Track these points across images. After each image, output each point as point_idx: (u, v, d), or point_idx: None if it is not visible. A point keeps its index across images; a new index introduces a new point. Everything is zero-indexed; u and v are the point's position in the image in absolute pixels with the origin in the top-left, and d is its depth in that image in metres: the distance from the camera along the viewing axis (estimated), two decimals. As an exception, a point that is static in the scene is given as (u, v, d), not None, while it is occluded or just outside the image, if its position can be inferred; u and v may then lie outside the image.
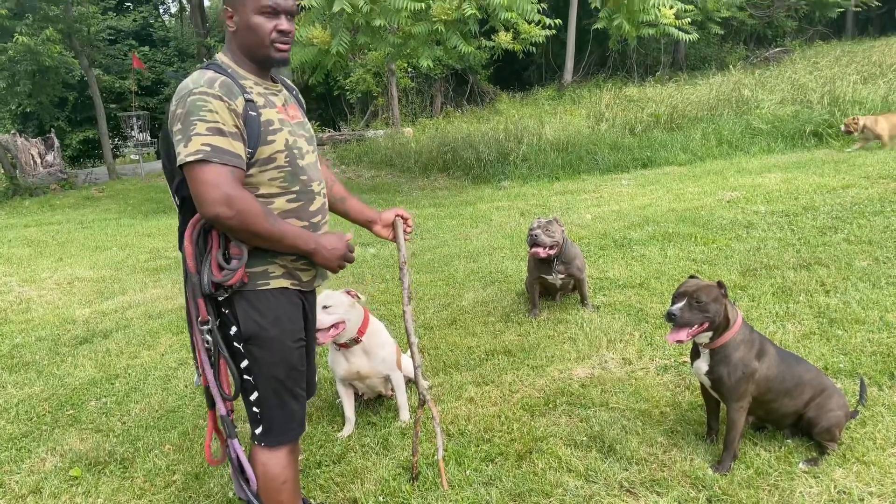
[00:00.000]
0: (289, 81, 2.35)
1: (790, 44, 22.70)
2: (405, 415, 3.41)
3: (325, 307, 3.03)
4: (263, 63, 2.09)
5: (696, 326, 2.62)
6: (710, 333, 2.67)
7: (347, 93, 22.67)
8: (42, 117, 21.05)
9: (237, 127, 1.95)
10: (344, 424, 3.41)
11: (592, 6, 10.40)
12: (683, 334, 2.62)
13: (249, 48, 2.05)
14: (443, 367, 3.97)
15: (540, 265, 4.48)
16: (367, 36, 10.05)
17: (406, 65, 20.16)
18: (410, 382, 3.77)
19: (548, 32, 9.81)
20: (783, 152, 10.07)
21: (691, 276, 2.78)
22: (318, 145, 2.43)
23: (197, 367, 2.16)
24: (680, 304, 2.62)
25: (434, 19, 8.98)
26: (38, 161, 18.70)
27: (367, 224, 2.66)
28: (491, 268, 5.88)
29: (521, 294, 5.04)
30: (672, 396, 3.31)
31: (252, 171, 2.03)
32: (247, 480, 2.23)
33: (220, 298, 2.05)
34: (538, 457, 2.92)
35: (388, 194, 11.73)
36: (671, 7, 9.74)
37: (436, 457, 2.99)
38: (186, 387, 4.16)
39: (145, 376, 4.41)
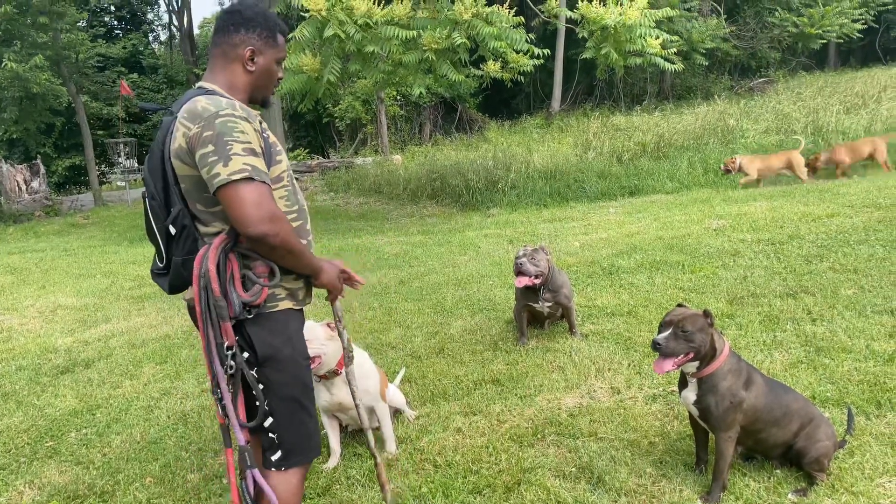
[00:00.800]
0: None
1: (774, 74, 23.13)
2: (392, 446, 3.36)
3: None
4: (259, 102, 2.26)
5: (681, 356, 2.61)
6: (696, 363, 2.66)
7: (336, 120, 22.78)
8: (28, 143, 20.94)
9: (262, 148, 2.02)
10: (329, 456, 3.35)
11: (580, 36, 10.55)
12: (669, 364, 2.61)
13: (258, 88, 2.21)
14: (430, 397, 3.92)
15: (527, 293, 4.47)
16: (358, 63, 10.15)
17: (395, 93, 20.31)
18: (398, 413, 3.73)
19: (536, 62, 9.94)
20: (768, 181, 10.17)
21: (679, 305, 2.78)
22: (307, 172, 2.52)
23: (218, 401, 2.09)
24: (665, 334, 2.62)
25: (424, 48, 9.08)
26: (24, 188, 18.60)
27: None
28: (479, 296, 5.86)
29: (509, 322, 5.02)
30: (661, 426, 3.28)
31: None
32: None
33: (242, 319, 2.04)
34: (526, 488, 2.88)
35: (376, 221, 11.73)
36: (657, 38, 9.90)
37: (421, 489, 2.95)
38: (169, 417, 4.09)
39: (127, 407, 4.33)
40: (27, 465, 3.66)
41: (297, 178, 15.96)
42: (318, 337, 3.01)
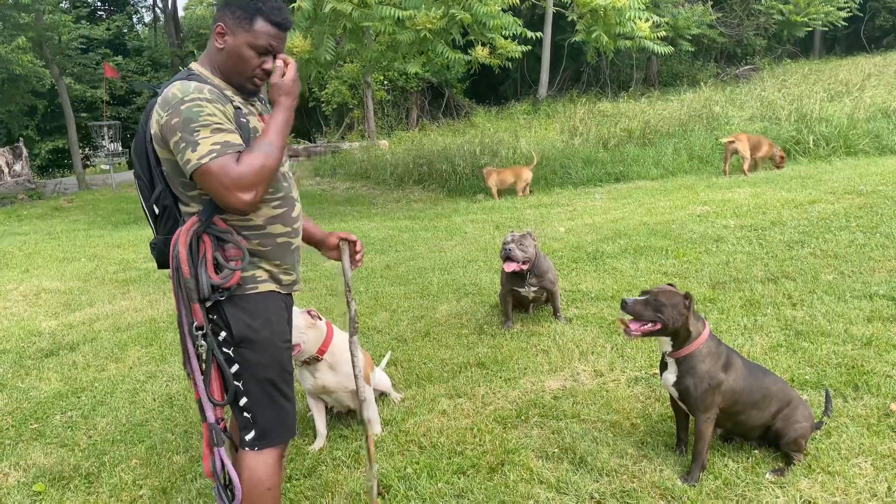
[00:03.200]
0: (262, 94, 2.35)
1: (759, 62, 23.25)
2: (377, 428, 3.39)
3: None
4: (237, 88, 2.13)
5: (648, 324, 2.69)
6: (669, 341, 2.73)
7: (323, 104, 22.65)
8: (10, 126, 20.70)
9: (235, 124, 1.99)
10: (315, 438, 3.38)
11: (569, 19, 10.55)
12: (635, 325, 2.71)
13: (228, 71, 2.09)
14: (416, 380, 3.95)
15: (513, 278, 4.50)
16: (353, 42, 10.10)
17: (382, 77, 20.22)
18: (383, 396, 3.76)
19: (524, 48, 9.93)
20: (752, 167, 10.25)
21: (669, 284, 2.83)
22: (293, 157, 2.47)
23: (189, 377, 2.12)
24: (637, 298, 2.72)
25: (419, 28, 9.05)
26: (6, 170, 18.39)
27: (314, 244, 2.57)
28: (465, 280, 5.89)
29: (494, 306, 5.05)
30: (642, 408, 3.33)
31: None
32: (231, 494, 2.16)
33: (209, 303, 2.04)
34: (510, 469, 2.92)
35: (362, 206, 11.71)
36: (646, 20, 9.92)
37: (406, 469, 2.99)
38: (154, 400, 4.10)
39: (112, 389, 4.33)
40: (12, 448, 3.65)
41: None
42: (299, 325, 3.01)
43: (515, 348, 4.25)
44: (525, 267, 4.40)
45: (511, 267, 4.36)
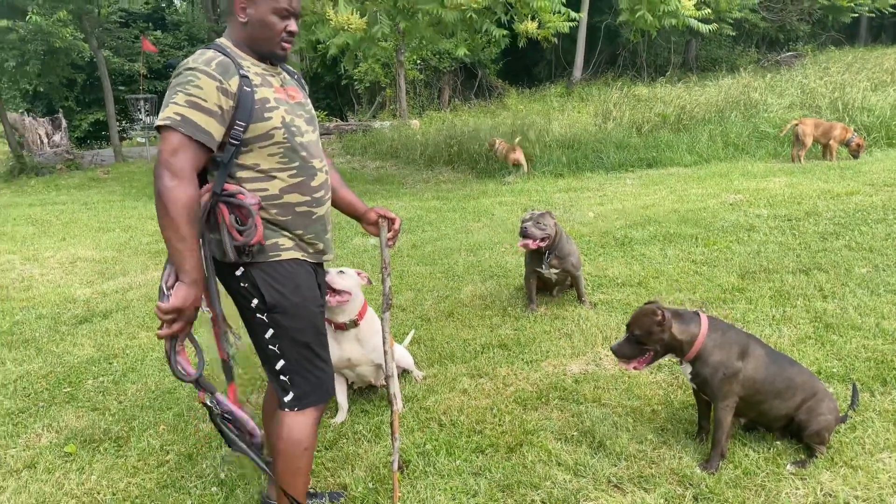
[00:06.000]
0: (290, 67, 2.38)
1: (802, 48, 22.64)
2: (399, 404, 3.42)
3: (340, 271, 3.13)
4: (266, 57, 2.18)
5: (643, 357, 2.75)
6: (670, 356, 2.77)
7: (356, 83, 22.65)
8: (52, 97, 21.06)
9: (220, 107, 1.99)
10: (337, 412, 3.43)
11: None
12: (631, 365, 2.77)
13: (257, 41, 2.13)
14: (438, 359, 3.98)
15: (533, 258, 4.50)
16: (404, 19, 10.11)
17: (415, 57, 20.14)
18: (405, 373, 3.80)
19: (571, 23, 9.83)
20: (789, 157, 10.03)
21: (648, 302, 2.83)
22: (325, 134, 2.47)
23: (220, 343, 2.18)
24: (621, 339, 2.78)
25: (464, 7, 9.01)
26: (46, 141, 18.75)
27: (355, 217, 2.66)
28: (491, 262, 5.89)
29: (519, 289, 5.05)
30: (664, 395, 3.32)
31: (251, 146, 2.09)
32: (249, 434, 2.19)
33: (238, 268, 2.10)
34: (528, 449, 2.94)
35: (391, 185, 11.74)
36: None
37: (426, 446, 3.02)
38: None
39: (143, 357, 4.44)
40: (45, 410, 3.77)
41: None
42: (353, 276, 3.15)
43: (538, 331, 4.25)
44: (542, 244, 4.38)
45: (526, 244, 4.36)
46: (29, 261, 7.32)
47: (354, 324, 3.18)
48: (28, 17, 14.78)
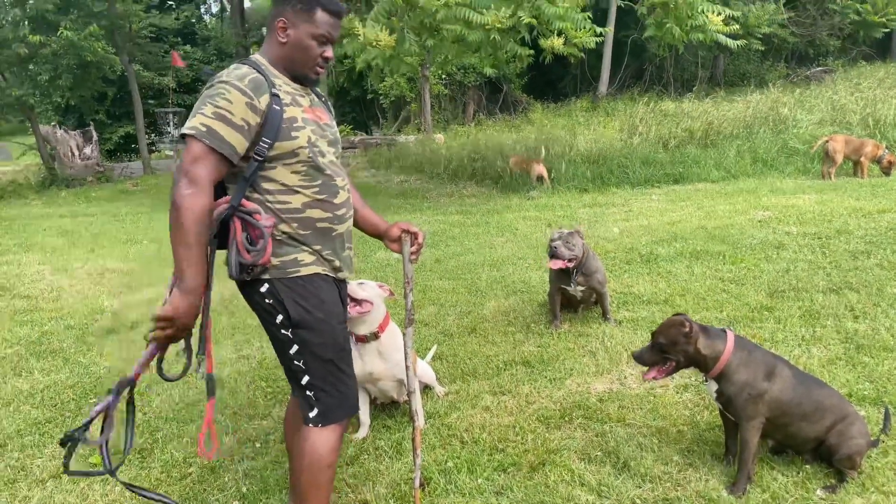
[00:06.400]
0: (318, 90, 2.42)
1: (832, 63, 22.36)
2: (420, 420, 3.41)
3: (360, 283, 3.15)
4: (299, 78, 2.23)
5: (665, 366, 2.73)
6: (693, 370, 2.75)
7: (381, 97, 22.83)
8: (83, 110, 21.52)
9: (247, 122, 2.02)
10: (359, 427, 3.42)
11: (638, 13, 10.38)
12: (652, 374, 2.76)
13: (293, 62, 2.19)
14: (460, 375, 3.96)
15: (560, 275, 4.46)
16: (432, 38, 10.20)
17: (440, 71, 20.26)
18: (427, 389, 3.78)
19: (598, 38, 9.82)
20: (819, 173, 9.89)
21: (677, 314, 2.81)
22: (349, 148, 2.50)
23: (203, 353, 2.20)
24: (645, 346, 2.78)
25: (488, 27, 9.06)
26: (77, 153, 19.12)
27: (377, 236, 2.64)
28: (514, 277, 5.86)
29: (543, 305, 5.02)
30: (690, 415, 3.26)
31: (276, 164, 2.12)
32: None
33: (263, 284, 2.12)
34: (551, 469, 2.90)
35: (415, 200, 11.77)
36: (718, 14, 9.65)
37: (447, 463, 3.00)
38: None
39: (167, 369, 4.45)
40: (72, 420, 3.81)
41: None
42: (373, 287, 3.17)
43: (562, 348, 4.21)
44: (571, 265, 4.35)
45: (556, 264, 4.33)
46: (58, 271, 7.45)
47: (375, 336, 3.18)
48: (59, 33, 15.12)
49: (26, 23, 15.29)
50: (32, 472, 3.26)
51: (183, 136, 2.02)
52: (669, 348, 2.68)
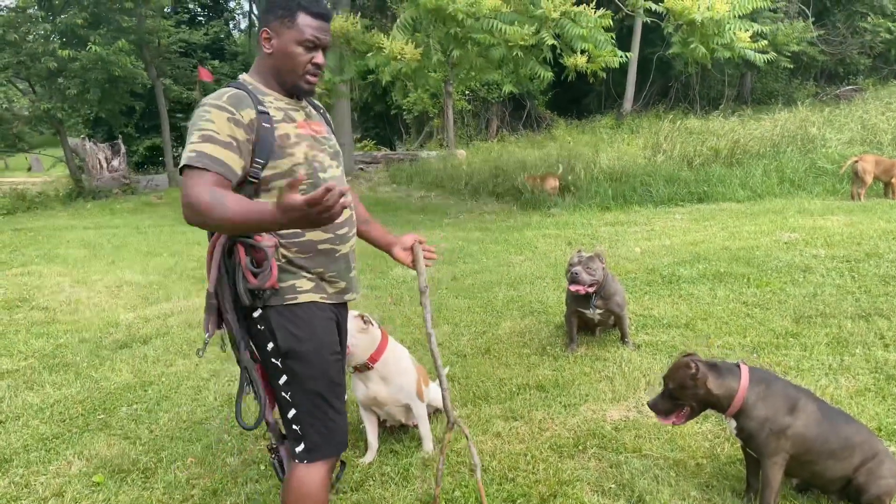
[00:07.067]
0: (315, 101, 2.35)
1: (863, 82, 21.96)
2: (428, 445, 3.31)
3: None
4: (291, 90, 2.15)
5: (682, 411, 2.63)
6: (709, 410, 2.64)
7: (405, 112, 22.90)
8: (112, 124, 21.84)
9: (234, 138, 1.95)
10: (366, 450, 3.33)
11: (665, 31, 10.26)
12: (670, 420, 2.65)
13: (280, 73, 2.12)
14: (472, 398, 3.86)
15: (578, 299, 4.34)
16: (458, 48, 10.18)
17: (464, 87, 20.28)
18: (437, 412, 3.68)
19: (622, 59, 9.72)
20: (848, 194, 9.65)
21: (685, 354, 2.70)
22: (372, 163, 2.42)
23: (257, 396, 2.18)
24: (658, 393, 2.67)
25: (510, 43, 9.01)
26: (105, 165, 19.39)
27: (386, 248, 2.59)
28: (531, 297, 5.75)
29: (559, 326, 4.90)
30: (710, 447, 3.13)
31: (272, 184, 2.04)
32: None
33: (257, 310, 2.06)
34: (563, 501, 2.79)
35: (435, 216, 11.71)
36: (746, 30, 9.50)
37: (455, 492, 2.89)
38: (215, 399, 4.16)
39: (178, 385, 4.43)
40: (78, 436, 3.78)
41: (360, 169, 15.81)
42: (350, 329, 2.97)
43: (578, 373, 4.09)
44: (591, 290, 4.23)
45: (577, 289, 4.21)
46: (78, 283, 7.49)
47: (367, 367, 3.07)
48: (88, 48, 15.35)
49: (56, 37, 15.55)
50: (35, 490, 3.22)
51: (181, 173, 1.95)
52: (680, 393, 2.58)
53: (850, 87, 21.35)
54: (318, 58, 2.11)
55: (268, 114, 2.03)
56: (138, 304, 6.57)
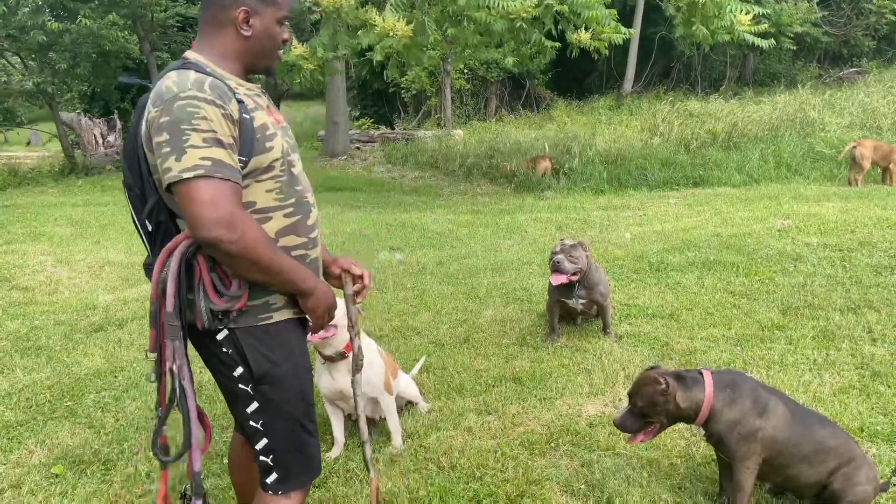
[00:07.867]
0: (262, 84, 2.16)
1: (867, 65, 21.66)
2: (398, 440, 3.22)
3: None
4: (262, 71, 1.92)
5: (649, 428, 2.52)
6: (680, 423, 2.55)
7: (403, 91, 22.61)
8: (108, 99, 21.54)
9: (233, 137, 1.69)
10: (332, 445, 3.24)
11: (667, 13, 10.07)
12: (637, 439, 2.55)
13: (257, 56, 1.87)
14: (446, 391, 3.76)
15: (561, 288, 4.23)
16: (453, 26, 9.99)
17: (462, 66, 20.00)
18: (409, 405, 3.59)
19: (626, 35, 9.53)
20: (846, 180, 9.51)
21: (649, 368, 2.59)
22: (368, 142, 2.24)
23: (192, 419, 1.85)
24: (624, 411, 2.56)
25: (512, 16, 8.82)
26: (100, 141, 19.19)
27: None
28: (516, 284, 5.64)
29: (541, 315, 4.80)
30: (685, 447, 3.03)
31: (248, 182, 1.76)
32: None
33: (220, 332, 1.79)
34: (530, 502, 2.70)
35: (428, 197, 11.58)
36: (747, 13, 9.30)
37: (419, 491, 2.81)
38: (186, 387, 4.06)
39: (147, 372, 4.32)
40: (42, 424, 3.69)
41: (357, 148, 15.49)
42: (340, 308, 2.87)
43: (556, 364, 3.99)
44: (574, 279, 4.12)
45: (559, 280, 4.09)
46: (60, 263, 7.37)
47: (342, 356, 2.96)
48: (78, 21, 15.05)
49: (47, 10, 15.22)
50: (-8, 481, 3.13)
51: (169, 188, 1.65)
52: (649, 410, 2.46)
53: (854, 69, 21.07)
54: (286, 33, 1.91)
55: (243, 102, 1.77)
56: (118, 286, 6.46)
